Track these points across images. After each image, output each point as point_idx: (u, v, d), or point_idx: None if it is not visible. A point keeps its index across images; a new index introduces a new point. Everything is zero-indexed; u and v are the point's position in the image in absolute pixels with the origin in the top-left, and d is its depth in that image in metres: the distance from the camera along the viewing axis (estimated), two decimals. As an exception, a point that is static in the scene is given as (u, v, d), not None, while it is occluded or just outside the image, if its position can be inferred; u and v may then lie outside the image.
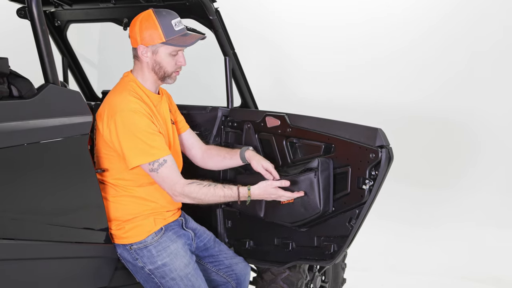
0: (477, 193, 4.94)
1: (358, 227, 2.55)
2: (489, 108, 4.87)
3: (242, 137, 2.93)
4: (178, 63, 2.51)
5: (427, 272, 4.74)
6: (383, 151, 2.44)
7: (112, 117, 2.38)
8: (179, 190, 2.41)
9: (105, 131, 2.41)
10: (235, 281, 2.81)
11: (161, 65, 2.48)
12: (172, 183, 2.41)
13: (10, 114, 2.06)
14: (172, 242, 2.54)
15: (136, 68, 2.55)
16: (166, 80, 2.54)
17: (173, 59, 2.49)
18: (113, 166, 2.49)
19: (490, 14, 4.81)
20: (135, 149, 2.37)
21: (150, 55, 2.47)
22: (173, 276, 2.52)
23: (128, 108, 2.38)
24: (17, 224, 2.15)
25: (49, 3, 3.15)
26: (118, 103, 2.41)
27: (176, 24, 2.46)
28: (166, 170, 2.39)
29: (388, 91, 5.04)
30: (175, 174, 2.42)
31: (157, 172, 2.39)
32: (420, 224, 5.04)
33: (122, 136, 2.37)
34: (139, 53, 2.47)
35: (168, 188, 2.43)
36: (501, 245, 4.84)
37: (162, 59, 2.47)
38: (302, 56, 5.15)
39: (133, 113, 2.37)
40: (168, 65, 2.49)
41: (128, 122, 2.36)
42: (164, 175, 2.40)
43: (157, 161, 2.38)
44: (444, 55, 4.92)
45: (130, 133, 2.36)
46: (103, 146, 2.47)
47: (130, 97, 2.43)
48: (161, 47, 2.45)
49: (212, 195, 2.45)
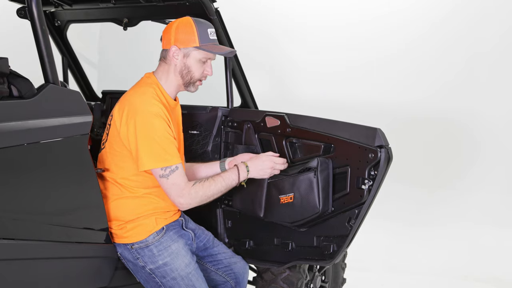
0: (477, 193, 4.95)
1: (357, 227, 2.55)
2: (489, 108, 4.88)
3: (242, 137, 2.93)
4: (205, 72, 2.56)
5: (427, 272, 4.74)
6: (382, 151, 2.44)
7: (133, 116, 2.39)
8: (186, 194, 2.43)
9: (123, 128, 2.42)
10: (234, 280, 2.81)
11: (190, 70, 2.52)
12: (179, 189, 2.43)
13: (10, 114, 2.06)
14: (173, 242, 2.54)
15: (161, 70, 2.56)
16: (190, 87, 2.57)
17: (201, 66, 2.53)
18: (124, 165, 2.49)
19: (490, 14, 4.82)
20: (150, 152, 2.38)
21: (181, 58, 2.50)
22: (174, 276, 2.52)
23: (150, 110, 2.39)
24: (17, 224, 2.15)
25: (49, 3, 3.16)
26: (140, 104, 2.42)
27: (211, 33, 2.52)
28: (176, 176, 2.42)
29: (388, 91, 5.04)
30: (183, 180, 2.45)
31: (167, 178, 2.41)
32: (420, 224, 5.05)
33: (140, 137, 2.38)
34: (170, 54, 2.50)
35: (175, 193, 2.43)
36: (501, 245, 4.84)
37: (192, 64, 2.51)
38: (302, 56, 5.16)
39: (155, 117, 2.39)
40: (197, 71, 2.53)
41: (148, 124, 2.38)
42: (174, 181, 2.42)
43: (170, 167, 2.40)
44: (444, 55, 4.93)
45: (149, 136, 2.37)
46: (117, 142, 2.47)
47: (153, 100, 2.44)
48: (194, 51, 2.49)
49: (214, 186, 2.50)
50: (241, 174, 2.59)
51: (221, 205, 2.99)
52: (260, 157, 2.66)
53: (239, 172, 2.59)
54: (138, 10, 3.10)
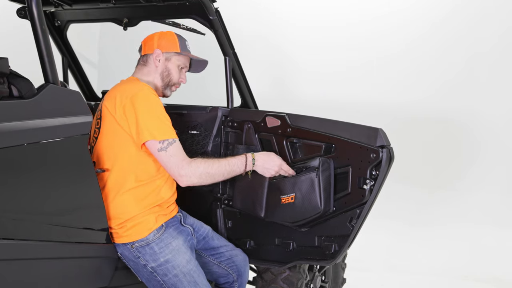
0: (477, 193, 4.95)
1: (359, 227, 2.55)
2: (489, 108, 4.88)
3: (242, 137, 2.92)
4: (180, 79, 2.77)
5: (427, 272, 4.75)
6: (384, 151, 2.44)
7: (129, 97, 2.48)
8: (186, 165, 2.46)
9: (119, 110, 2.48)
10: (235, 272, 2.83)
11: (170, 72, 2.72)
12: (179, 160, 2.46)
13: (10, 114, 2.06)
14: (173, 239, 2.55)
15: (140, 72, 2.73)
16: (166, 90, 2.75)
17: (179, 72, 2.75)
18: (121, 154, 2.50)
19: (490, 14, 4.82)
20: (150, 124, 2.45)
21: (163, 61, 2.70)
22: (176, 273, 2.52)
23: (144, 90, 2.52)
24: (17, 224, 2.14)
25: (49, 3, 3.15)
26: (133, 87, 2.54)
27: (188, 45, 2.79)
28: (174, 149, 2.47)
29: (388, 91, 5.04)
30: (182, 153, 2.50)
31: (166, 151, 2.45)
32: (420, 224, 5.05)
33: (140, 112, 2.45)
34: (153, 56, 2.69)
35: (175, 165, 2.46)
36: (502, 245, 4.84)
37: (172, 67, 2.72)
38: (302, 56, 5.16)
39: (151, 94, 2.51)
40: (175, 75, 2.74)
41: (146, 100, 2.48)
42: (172, 153, 2.46)
43: (167, 140, 2.46)
44: (444, 55, 4.93)
45: (148, 110, 2.46)
46: (114, 130, 2.49)
47: (142, 84, 2.59)
48: (175, 56, 2.72)
49: (218, 166, 2.54)
50: (248, 164, 2.63)
51: (221, 205, 2.99)
52: (270, 156, 2.69)
53: (246, 161, 2.63)
54: (138, 10, 3.09)
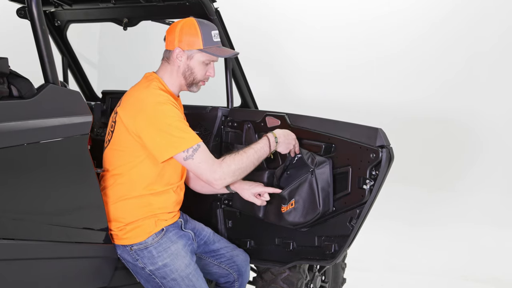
0: (477, 193, 4.95)
1: (358, 227, 2.55)
2: (489, 107, 4.88)
3: (242, 137, 2.92)
4: (208, 74, 2.58)
5: (427, 272, 4.75)
6: (383, 151, 2.44)
7: (141, 110, 2.39)
8: (218, 168, 2.39)
9: (130, 121, 2.41)
10: (236, 272, 2.82)
11: (193, 71, 2.53)
12: (208, 165, 2.39)
13: (10, 114, 2.06)
14: (172, 243, 2.54)
15: (164, 69, 2.56)
16: (192, 87, 2.59)
17: (204, 68, 2.55)
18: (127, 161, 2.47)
19: (490, 14, 4.82)
20: (168, 140, 2.36)
21: (185, 59, 2.51)
22: (174, 277, 2.52)
23: (157, 100, 2.40)
24: (17, 224, 2.14)
25: (49, 3, 3.15)
26: (145, 96, 2.43)
27: (215, 35, 2.54)
28: (201, 154, 2.38)
29: (388, 91, 5.04)
30: (210, 156, 2.41)
31: (193, 159, 2.37)
32: (420, 224, 5.05)
33: (154, 128, 2.36)
34: (174, 56, 2.51)
35: (207, 170, 2.39)
36: (501, 245, 4.84)
37: (195, 66, 2.52)
38: (302, 56, 5.16)
39: (163, 104, 2.39)
40: (199, 73, 2.54)
41: (158, 113, 2.37)
42: (200, 159, 2.38)
43: (191, 147, 2.37)
44: (444, 55, 4.93)
45: (162, 124, 2.36)
46: (125, 138, 2.45)
47: (158, 91, 2.46)
48: (197, 54, 2.51)
49: (247, 158, 2.45)
50: (271, 144, 2.55)
51: (221, 205, 2.99)
52: (285, 130, 2.62)
53: (270, 142, 2.54)
54: (138, 10, 3.10)
